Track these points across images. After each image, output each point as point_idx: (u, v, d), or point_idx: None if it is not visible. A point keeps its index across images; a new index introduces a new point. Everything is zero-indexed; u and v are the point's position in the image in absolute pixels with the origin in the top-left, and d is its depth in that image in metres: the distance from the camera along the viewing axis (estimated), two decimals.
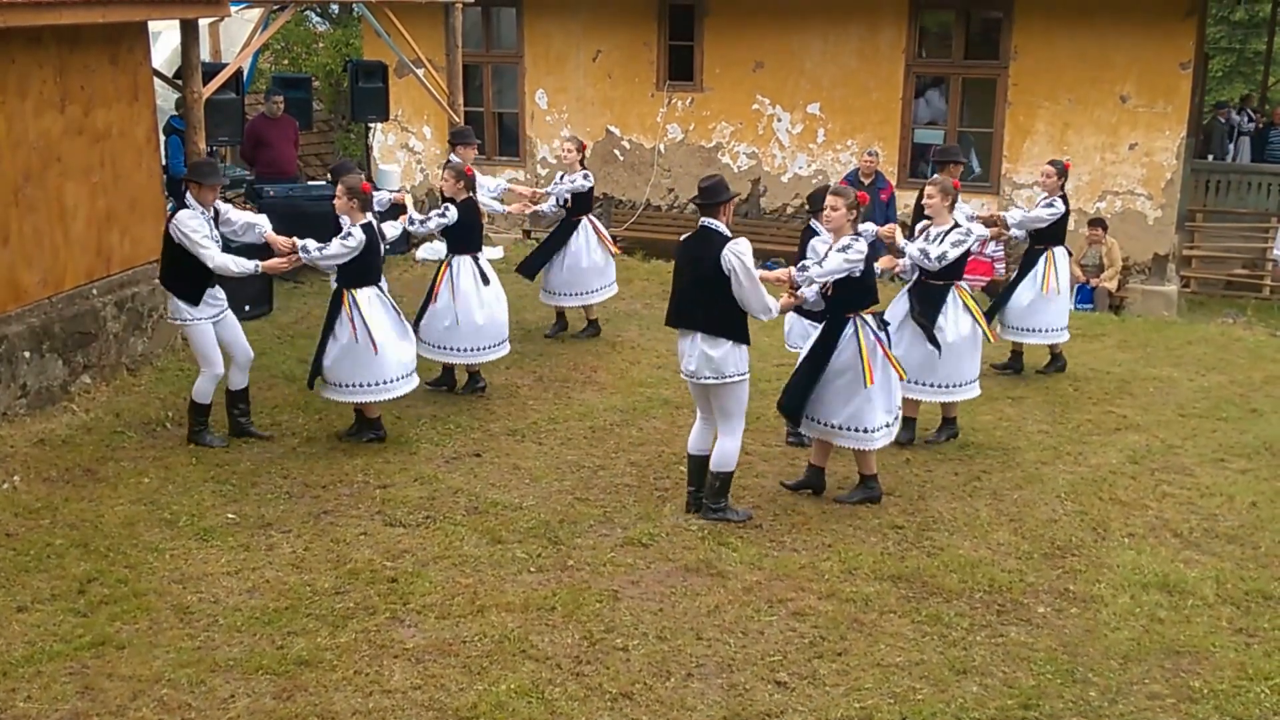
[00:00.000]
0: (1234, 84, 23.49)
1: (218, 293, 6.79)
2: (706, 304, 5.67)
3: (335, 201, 6.68)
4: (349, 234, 6.54)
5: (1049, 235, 8.21)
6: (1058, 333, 8.32)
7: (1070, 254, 8.53)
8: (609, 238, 9.27)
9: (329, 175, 8.05)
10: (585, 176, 8.91)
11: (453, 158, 8.91)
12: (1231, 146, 15.51)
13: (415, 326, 7.34)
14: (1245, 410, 7.81)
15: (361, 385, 6.66)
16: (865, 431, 5.93)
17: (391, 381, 6.71)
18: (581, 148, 9.09)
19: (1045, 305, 8.19)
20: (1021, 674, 4.56)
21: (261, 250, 6.83)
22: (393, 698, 4.35)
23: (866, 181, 10.72)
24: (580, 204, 9.02)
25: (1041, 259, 8.17)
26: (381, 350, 6.59)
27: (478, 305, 7.55)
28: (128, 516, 5.87)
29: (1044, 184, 8.20)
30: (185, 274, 6.61)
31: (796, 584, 5.24)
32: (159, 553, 5.49)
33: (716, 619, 4.94)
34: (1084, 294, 11.66)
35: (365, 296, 6.63)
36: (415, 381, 6.91)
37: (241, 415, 6.98)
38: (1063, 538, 5.77)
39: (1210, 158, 15.04)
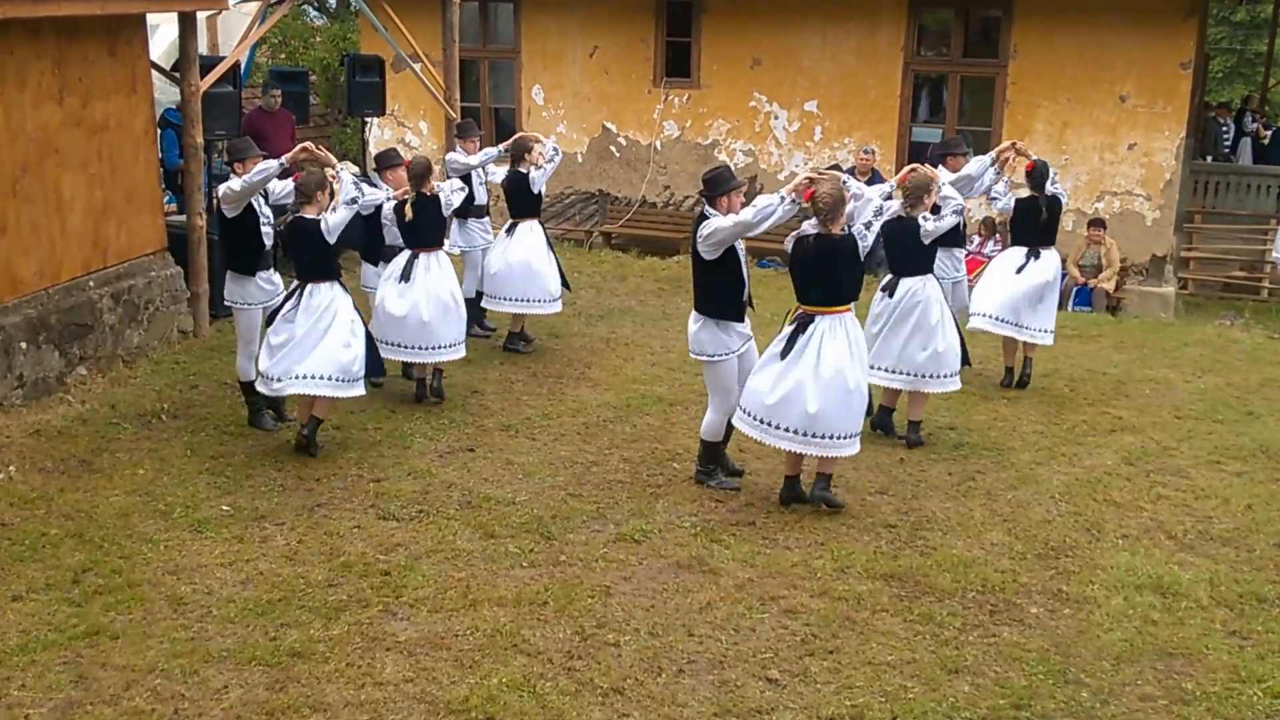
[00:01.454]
0: (1234, 85, 23.50)
1: (274, 278, 6.96)
2: (694, 282, 6.06)
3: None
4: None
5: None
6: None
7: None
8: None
9: (374, 164, 8.00)
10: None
11: (454, 152, 8.90)
12: (1228, 147, 15.47)
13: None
14: (1242, 413, 7.81)
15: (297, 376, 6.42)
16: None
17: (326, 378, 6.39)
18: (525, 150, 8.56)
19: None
20: (1013, 674, 4.57)
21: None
22: (384, 690, 4.36)
23: (863, 179, 10.72)
24: (527, 204, 8.52)
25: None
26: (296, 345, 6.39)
27: (427, 301, 7.20)
28: (123, 507, 5.88)
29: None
30: (236, 248, 6.82)
31: (789, 581, 5.24)
32: (153, 544, 5.50)
33: (708, 616, 4.94)
34: (1082, 295, 11.66)
35: (310, 290, 6.46)
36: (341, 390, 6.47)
37: (255, 407, 7.03)
38: (1056, 538, 5.77)
39: (1208, 159, 15.02)
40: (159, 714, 4.19)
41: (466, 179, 8.41)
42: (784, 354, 5.71)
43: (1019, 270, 7.89)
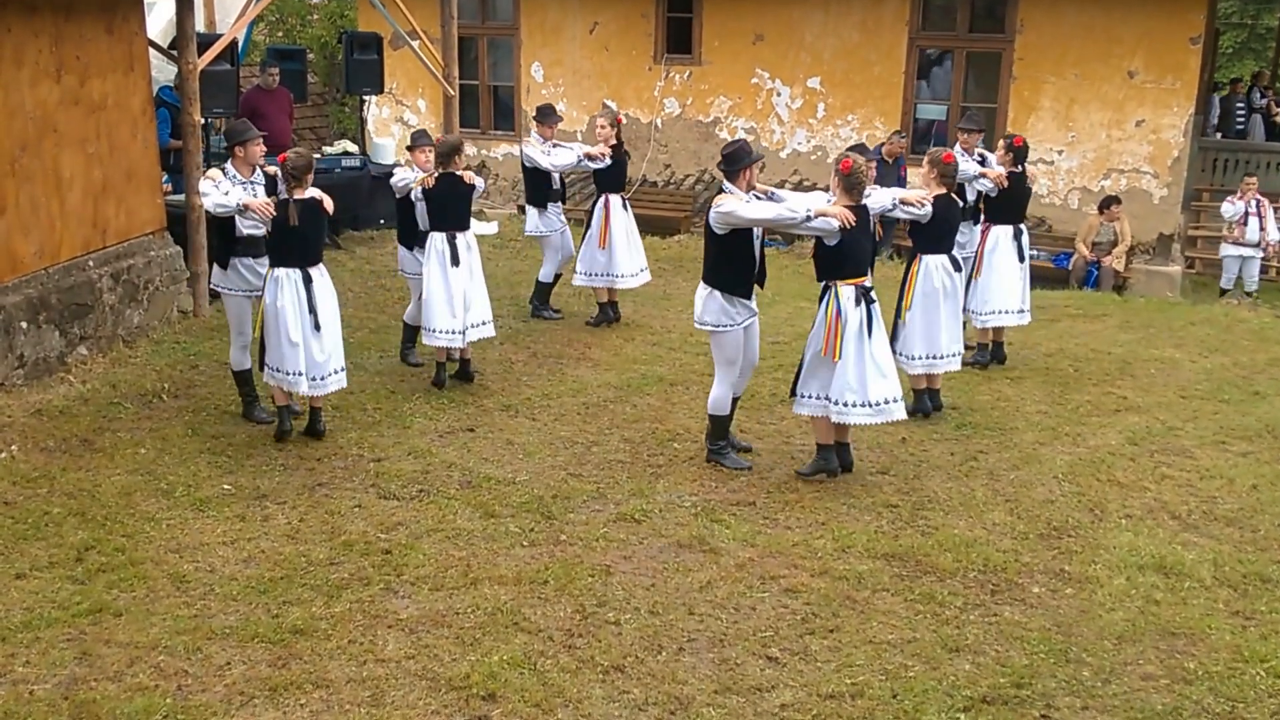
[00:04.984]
0: (1244, 60, 23.28)
1: (259, 267, 6.53)
2: (704, 253, 6.06)
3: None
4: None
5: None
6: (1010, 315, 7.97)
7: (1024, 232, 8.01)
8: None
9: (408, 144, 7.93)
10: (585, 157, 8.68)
11: (533, 133, 8.80)
12: (1241, 124, 15.31)
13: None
14: (1247, 392, 7.77)
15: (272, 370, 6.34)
16: (832, 401, 5.90)
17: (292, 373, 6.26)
18: (616, 121, 8.91)
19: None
20: (1014, 653, 4.56)
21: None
22: (386, 667, 4.37)
23: (890, 161, 10.69)
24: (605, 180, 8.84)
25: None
26: (277, 340, 6.23)
27: (471, 281, 7.25)
28: (124, 486, 5.88)
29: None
30: (215, 236, 6.77)
31: (789, 561, 5.24)
32: (156, 522, 5.51)
33: (709, 595, 4.94)
34: (1090, 274, 11.61)
35: (279, 276, 6.21)
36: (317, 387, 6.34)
37: (250, 398, 6.86)
38: (1059, 518, 5.76)
39: (1219, 135, 14.87)
40: (162, 690, 4.20)
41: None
42: (870, 332, 5.84)
43: (1020, 259, 7.90)
